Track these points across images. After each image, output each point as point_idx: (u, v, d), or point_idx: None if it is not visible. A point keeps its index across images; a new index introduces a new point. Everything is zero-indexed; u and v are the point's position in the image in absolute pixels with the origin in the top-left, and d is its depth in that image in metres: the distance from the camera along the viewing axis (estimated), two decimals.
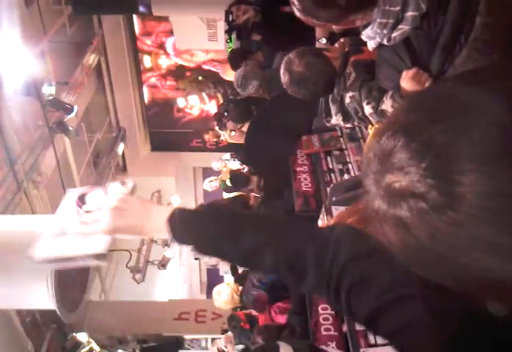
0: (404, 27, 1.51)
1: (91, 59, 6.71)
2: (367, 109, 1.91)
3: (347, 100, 2.01)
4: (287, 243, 0.90)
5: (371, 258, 0.83)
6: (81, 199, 1.12)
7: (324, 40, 3.39)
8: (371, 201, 0.54)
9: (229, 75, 4.32)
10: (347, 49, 2.13)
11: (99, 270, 6.21)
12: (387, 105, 1.82)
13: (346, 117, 2.10)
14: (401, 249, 0.55)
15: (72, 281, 2.74)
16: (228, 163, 6.10)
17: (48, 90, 5.17)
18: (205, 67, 8.30)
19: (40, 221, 3.23)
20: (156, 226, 0.97)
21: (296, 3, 1.59)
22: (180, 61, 8.36)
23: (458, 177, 0.45)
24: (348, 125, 2.25)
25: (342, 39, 2.20)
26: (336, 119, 2.15)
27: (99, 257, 1.09)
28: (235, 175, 5.47)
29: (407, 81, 1.65)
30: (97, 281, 6.39)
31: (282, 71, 2.18)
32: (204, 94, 8.60)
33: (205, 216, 0.97)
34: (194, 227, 0.96)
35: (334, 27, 1.62)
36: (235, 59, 4.31)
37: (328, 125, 2.37)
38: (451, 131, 0.47)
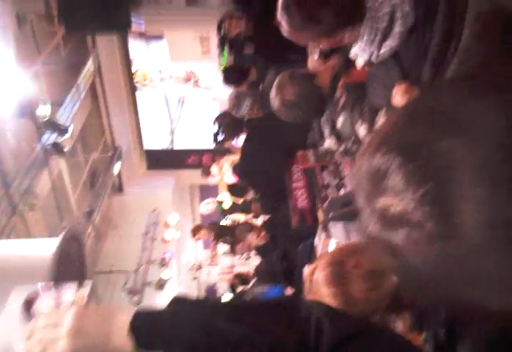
0: (392, 43, 1.50)
1: (85, 79, 6.73)
2: (361, 130, 1.89)
3: (339, 124, 2.00)
4: (265, 338, 0.82)
5: (354, 342, 0.78)
6: (28, 307, 0.94)
7: (317, 55, 3.40)
8: (365, 222, 0.51)
9: None
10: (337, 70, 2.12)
11: (94, 293, 6.12)
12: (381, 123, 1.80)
13: (339, 140, 2.09)
14: (394, 272, 0.53)
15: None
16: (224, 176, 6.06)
17: (43, 111, 5.16)
18: None
19: (35, 246, 3.19)
20: (120, 339, 0.84)
21: (285, 20, 1.59)
22: None
23: (457, 205, 0.42)
24: (342, 148, 2.24)
25: (332, 60, 2.19)
26: (329, 142, 2.14)
27: None
28: (232, 186, 5.48)
29: (399, 97, 1.63)
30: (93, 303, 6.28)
31: (273, 95, 2.17)
32: None
33: (174, 321, 0.86)
34: (161, 335, 0.84)
35: (322, 45, 1.62)
36: (229, 78, 4.33)
37: (322, 148, 2.36)
38: (450, 153, 0.43)
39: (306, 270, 1.84)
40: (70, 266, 2.96)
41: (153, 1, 5.84)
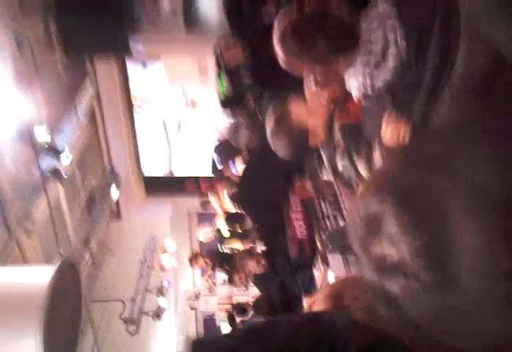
0: (385, 76, 1.51)
1: (84, 103, 6.76)
2: (361, 167, 1.90)
3: (340, 167, 2.03)
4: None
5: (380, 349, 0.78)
6: None
7: (313, 84, 3.41)
8: (361, 267, 0.51)
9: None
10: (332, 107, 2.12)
11: (91, 322, 6.01)
12: (377, 156, 1.80)
13: (335, 174, 2.11)
14: (386, 317, 0.53)
15: (62, 338, 2.63)
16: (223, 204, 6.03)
17: (42, 136, 5.17)
18: None
19: (31, 273, 3.14)
20: None
21: (280, 45, 1.61)
22: None
23: (453, 257, 0.41)
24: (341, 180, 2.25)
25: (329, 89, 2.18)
26: (326, 176, 2.16)
27: None
28: (231, 215, 5.45)
29: (388, 132, 1.63)
30: (89, 333, 6.17)
31: (268, 134, 2.21)
32: None
33: None
34: None
35: (318, 76, 1.63)
36: (227, 108, 4.36)
37: (322, 179, 2.37)
38: (445, 202, 0.42)
39: (306, 303, 1.81)
40: (65, 294, 2.91)
41: (152, 26, 5.90)
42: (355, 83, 1.58)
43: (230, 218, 5.45)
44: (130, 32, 5.64)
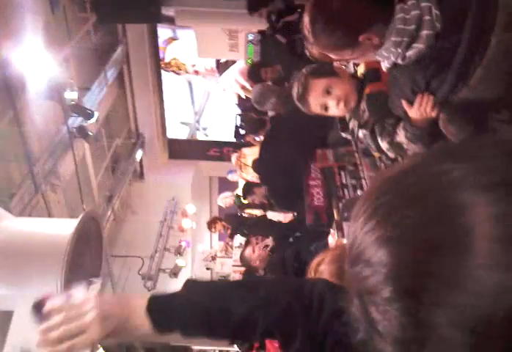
0: (419, 46, 1.48)
1: (114, 66, 6.81)
2: (384, 145, 1.89)
3: (360, 135, 2.02)
4: (275, 308, 0.89)
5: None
6: (38, 309, 0.93)
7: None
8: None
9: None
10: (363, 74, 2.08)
11: (111, 276, 6.24)
12: (401, 136, 1.78)
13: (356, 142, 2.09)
14: None
15: (83, 282, 2.77)
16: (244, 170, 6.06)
17: (70, 95, 5.25)
18: None
19: (55, 225, 3.27)
20: (139, 320, 0.92)
21: (310, 39, 1.59)
22: None
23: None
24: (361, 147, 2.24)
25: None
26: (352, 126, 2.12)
27: None
28: (247, 184, 5.47)
29: (414, 110, 1.62)
30: (109, 285, 6.41)
31: (294, 85, 2.20)
32: None
33: (187, 297, 0.93)
34: (176, 311, 0.91)
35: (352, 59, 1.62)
36: (254, 72, 4.35)
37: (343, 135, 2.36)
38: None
39: (314, 260, 1.85)
40: (88, 246, 3.04)
41: None
42: (384, 52, 1.55)
43: (246, 187, 5.45)
44: (163, 2, 5.61)
